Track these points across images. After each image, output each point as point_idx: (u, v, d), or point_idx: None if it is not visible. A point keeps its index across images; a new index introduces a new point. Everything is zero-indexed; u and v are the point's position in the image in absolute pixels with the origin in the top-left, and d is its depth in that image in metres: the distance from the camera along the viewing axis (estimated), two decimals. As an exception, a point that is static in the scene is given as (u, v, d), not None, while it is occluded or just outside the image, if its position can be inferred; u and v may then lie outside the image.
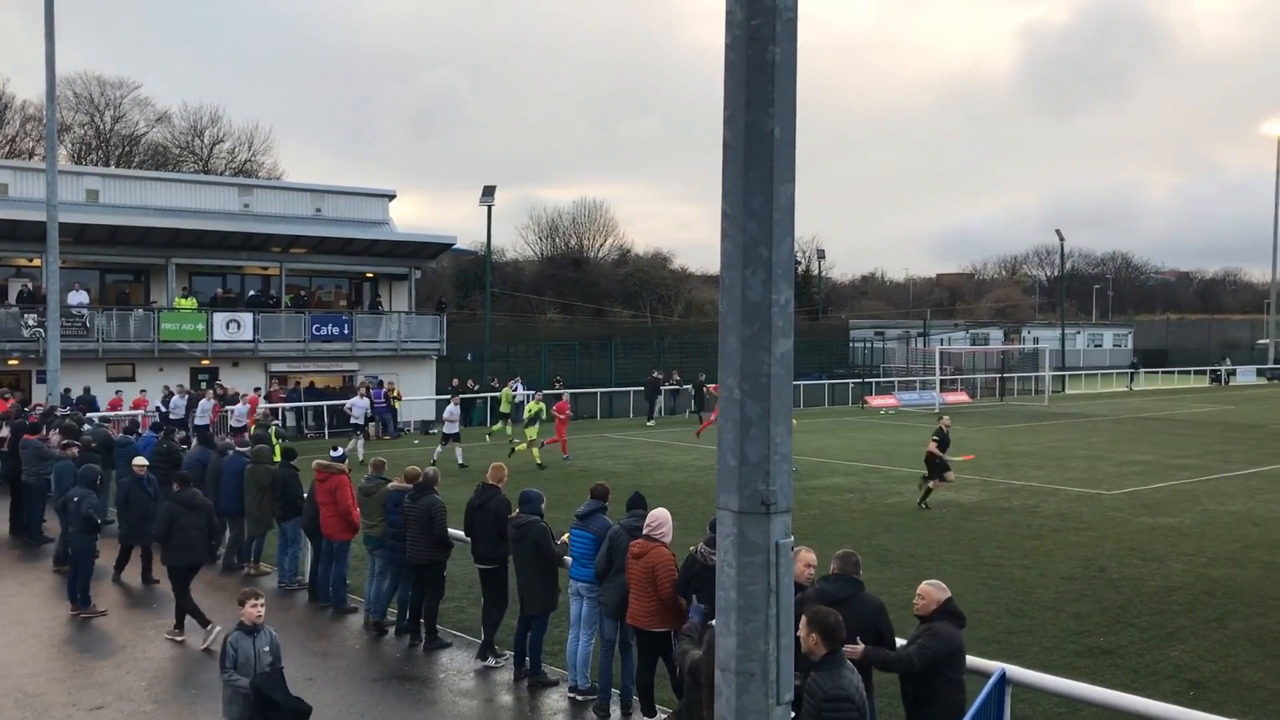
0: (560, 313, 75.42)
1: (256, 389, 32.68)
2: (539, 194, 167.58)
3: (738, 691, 4.05)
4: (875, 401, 48.30)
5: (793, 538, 4.13)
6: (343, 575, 13.34)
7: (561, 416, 28.23)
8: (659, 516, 9.09)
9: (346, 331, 37.52)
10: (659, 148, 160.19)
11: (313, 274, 40.13)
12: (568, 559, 10.26)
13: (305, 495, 14.07)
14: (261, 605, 8.20)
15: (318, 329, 36.82)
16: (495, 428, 32.60)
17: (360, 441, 28.47)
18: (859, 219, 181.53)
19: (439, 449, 26.94)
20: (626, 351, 49.51)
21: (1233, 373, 70.68)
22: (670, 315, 78.92)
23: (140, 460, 14.84)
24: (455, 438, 26.64)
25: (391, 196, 43.86)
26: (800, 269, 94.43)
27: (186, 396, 30.21)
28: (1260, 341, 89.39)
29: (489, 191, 42.45)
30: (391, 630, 12.27)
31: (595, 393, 42.46)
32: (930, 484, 20.30)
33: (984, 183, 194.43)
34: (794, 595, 4.19)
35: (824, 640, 5.76)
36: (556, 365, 45.43)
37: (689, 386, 40.37)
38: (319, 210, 41.05)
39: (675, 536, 9.33)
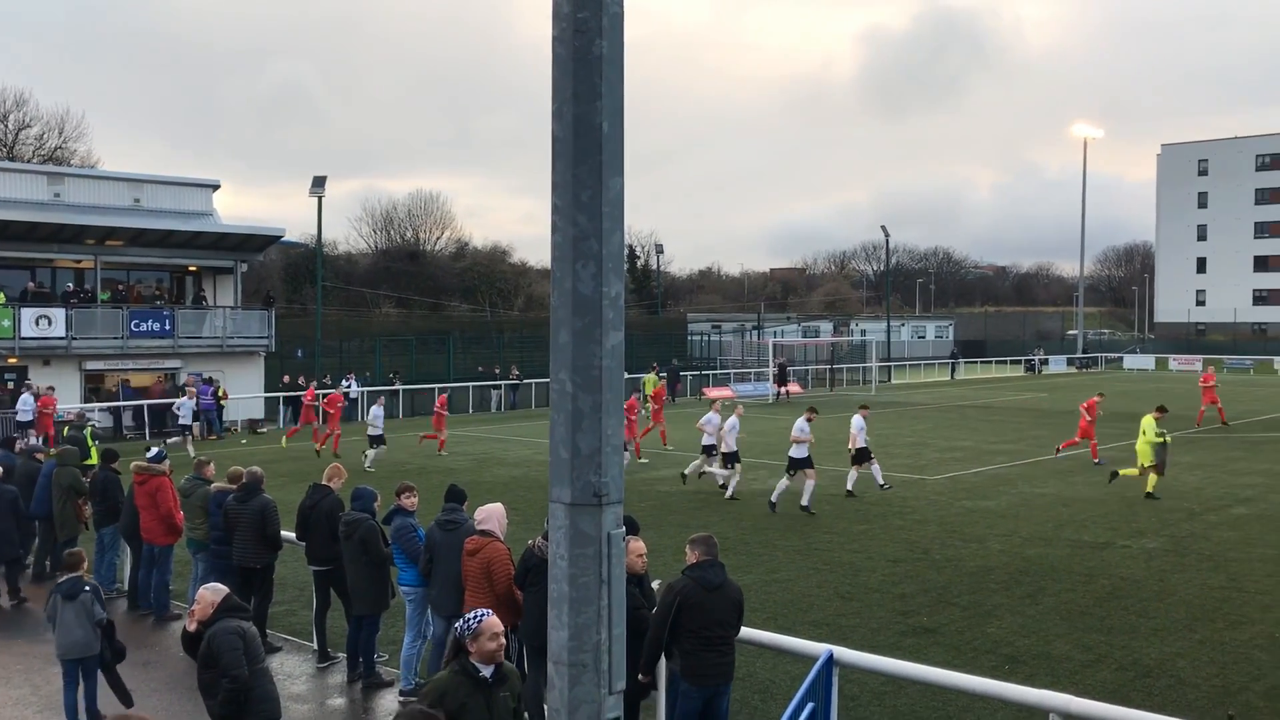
0: (396, 307, 74.07)
1: (50, 387, 30.79)
2: (382, 185, 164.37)
3: (570, 683, 4.06)
4: (712, 393, 49.13)
5: (624, 528, 4.16)
6: (165, 580, 12.80)
7: (443, 413, 28.17)
8: (491, 511, 9.03)
9: (168, 327, 35.92)
10: (501, 140, 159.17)
11: (131, 267, 38.26)
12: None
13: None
14: None
15: (137, 325, 35.12)
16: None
17: (190, 440, 27.26)
18: (698, 215, 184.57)
19: (371, 453, 25.60)
20: (465, 346, 49.02)
21: (1045, 362, 74.76)
22: (510, 309, 78.51)
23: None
24: (381, 439, 25.51)
25: (215, 187, 42.18)
26: (639, 264, 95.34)
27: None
28: (1070, 332, 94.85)
29: (319, 182, 41.31)
30: (124, 602, 11.80)
31: (432, 388, 41.87)
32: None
33: (820, 181, 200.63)
34: (625, 585, 4.22)
35: None
36: (392, 360, 44.64)
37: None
38: (138, 201, 39.13)
39: (516, 531, 9.30)
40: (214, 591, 7.21)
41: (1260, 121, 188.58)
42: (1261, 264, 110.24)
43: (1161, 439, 20.32)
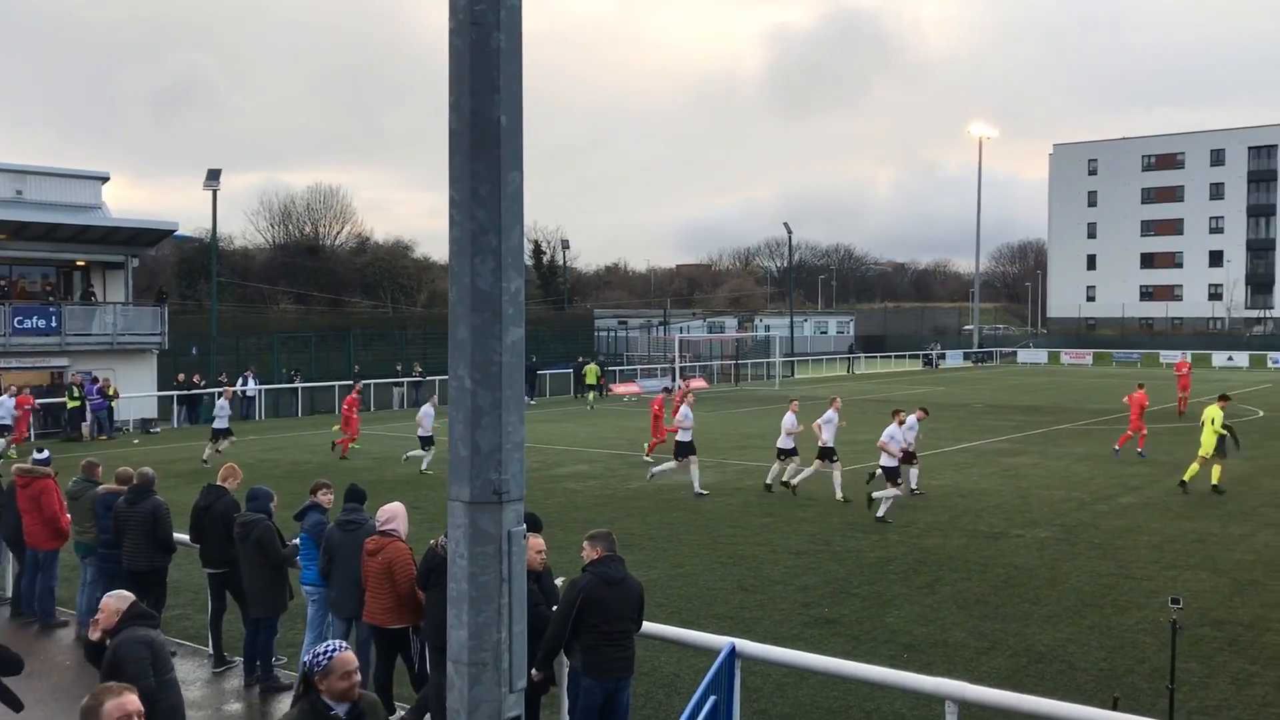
0: (294, 303, 72.59)
1: (25, 387, 29.73)
2: (282, 178, 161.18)
3: (470, 683, 4.02)
4: (619, 389, 49.25)
5: (525, 526, 4.13)
6: (51, 587, 12.35)
7: (352, 415, 27.04)
8: (391, 510, 8.90)
9: (54, 324, 34.64)
10: (406, 133, 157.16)
11: (14, 262, 36.79)
12: (298, 561, 9.92)
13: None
14: None
15: (20, 322, 33.80)
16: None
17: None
18: (605, 211, 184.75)
19: (420, 454, 24.13)
20: (366, 343, 48.27)
21: (942, 356, 76.55)
22: (413, 305, 77.54)
23: None
24: (430, 441, 23.98)
25: (104, 179, 40.81)
26: (546, 259, 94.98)
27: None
28: (966, 327, 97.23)
29: (214, 175, 40.29)
30: None
31: (334, 386, 41.18)
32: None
33: (726, 177, 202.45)
34: (527, 582, 4.19)
35: None
36: (291, 358, 43.74)
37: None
38: (19, 193, 37.59)
39: (419, 530, 9.19)
40: (119, 599, 6.90)
41: (1147, 123, 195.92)
42: (1148, 261, 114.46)
43: (1226, 430, 20.22)
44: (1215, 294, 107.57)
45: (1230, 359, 73.38)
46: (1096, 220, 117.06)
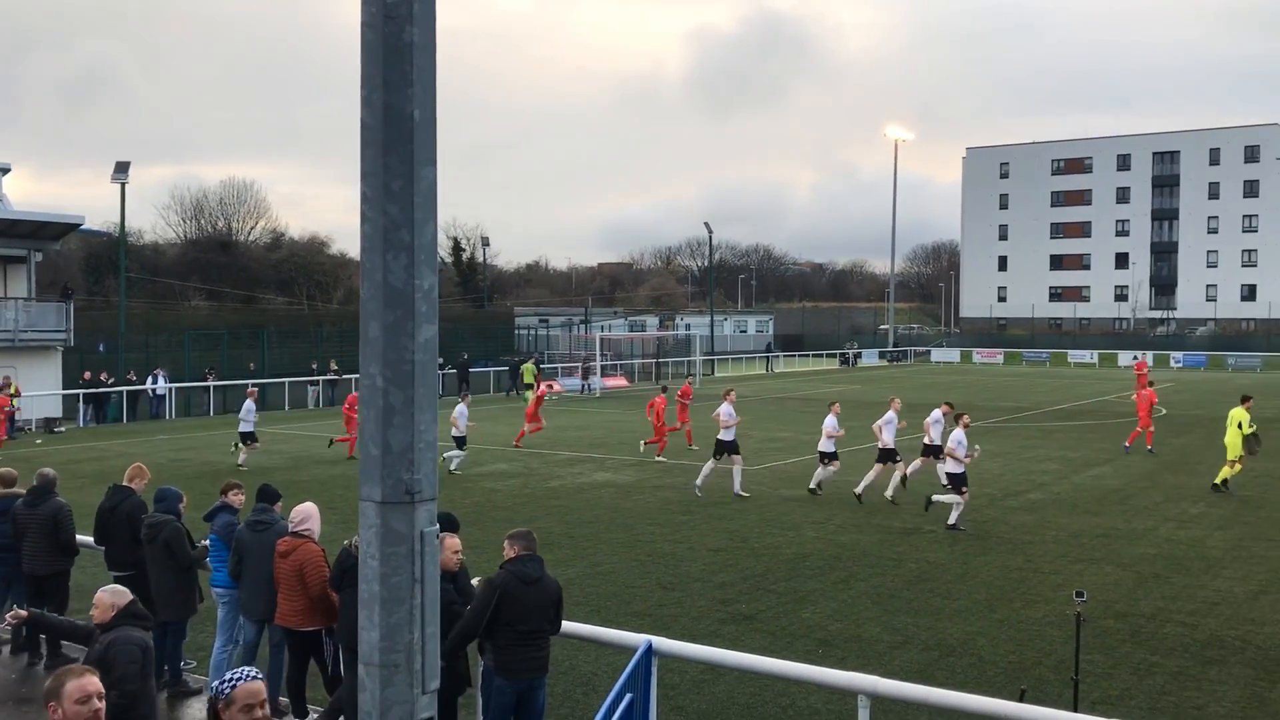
0: (207, 299, 71.04)
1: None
2: (196, 172, 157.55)
3: (382, 685, 3.96)
4: (555, 387, 49.05)
5: (438, 525, 4.08)
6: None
7: (353, 414, 26.52)
8: (304, 511, 8.75)
9: (-48, 320, 33.45)
10: (324, 127, 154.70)
11: (-91, 255, 35.47)
12: (207, 563, 9.71)
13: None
14: None
15: (-84, 317, 32.57)
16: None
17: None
18: (527, 208, 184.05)
19: (453, 455, 23.30)
20: (281, 341, 47.41)
21: (859, 355, 77.69)
22: (329, 303, 76.37)
23: None
24: (463, 441, 23.35)
25: (5, 170, 39.49)
26: (466, 256, 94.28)
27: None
28: (882, 327, 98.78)
29: (122, 168, 39.22)
30: (6, 649, 11.08)
31: (246, 384, 40.36)
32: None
33: (649, 176, 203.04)
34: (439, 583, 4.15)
35: None
36: (203, 356, 42.76)
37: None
38: (-85, 183, 36.26)
39: (334, 531, 9.04)
40: (115, 594, 6.70)
41: (1057, 128, 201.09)
42: (1057, 263, 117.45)
43: (1252, 430, 20.43)
44: (1121, 295, 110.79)
45: (1135, 358, 75.55)
46: (1008, 222, 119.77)
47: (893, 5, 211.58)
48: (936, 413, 20.22)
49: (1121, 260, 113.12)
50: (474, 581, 8.38)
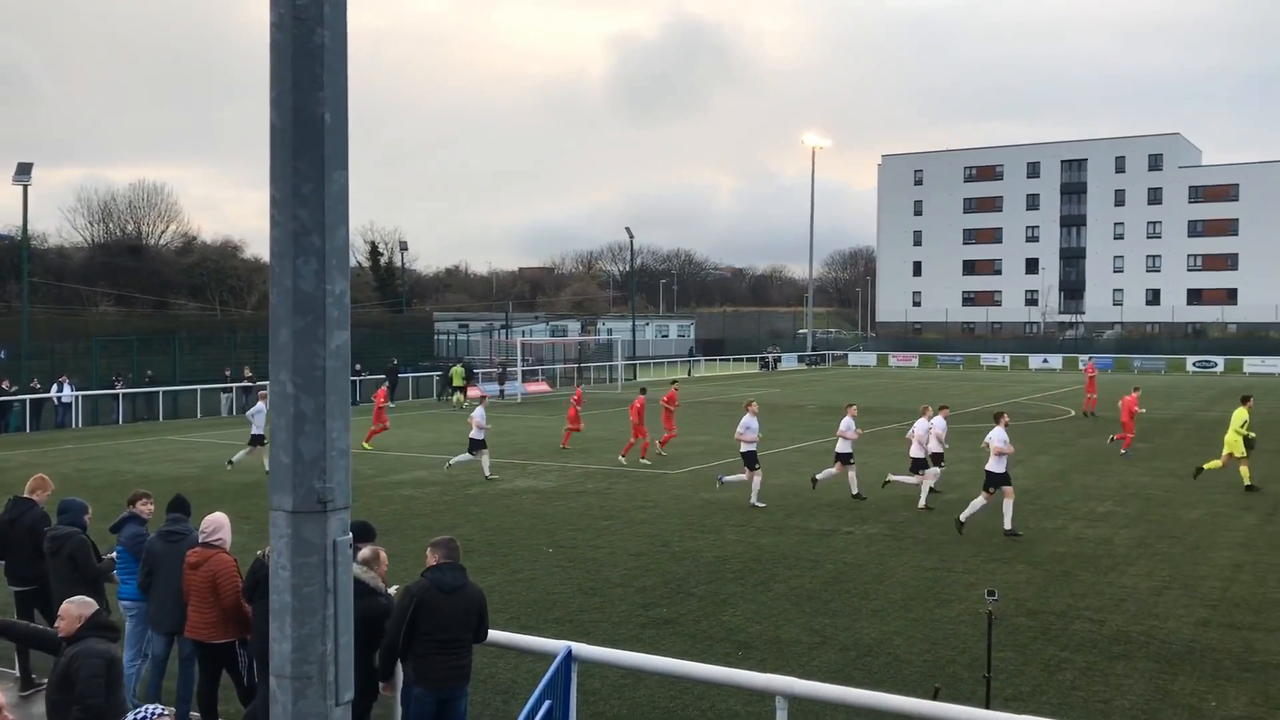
0: (115, 305, 69.21)
1: None
2: (106, 175, 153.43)
3: (294, 697, 3.89)
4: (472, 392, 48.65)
5: (351, 535, 4.03)
6: None
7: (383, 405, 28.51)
8: (215, 521, 8.56)
9: None
10: (239, 129, 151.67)
11: None
12: (115, 575, 9.44)
13: None
14: None
15: None
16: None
17: None
18: (446, 212, 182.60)
19: (471, 458, 23.23)
20: (193, 347, 46.35)
21: (779, 359, 78.46)
22: (243, 308, 74.92)
23: None
24: (482, 444, 22.95)
25: (-99, 171, 38.06)
26: (383, 261, 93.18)
27: None
28: (801, 331, 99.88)
29: (24, 169, 38.05)
30: None
31: (158, 392, 39.42)
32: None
33: (570, 181, 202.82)
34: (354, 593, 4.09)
35: None
36: (112, 363, 41.60)
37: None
38: None
39: (248, 541, 8.86)
40: (81, 604, 6.49)
41: (969, 136, 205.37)
42: (969, 268, 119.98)
43: (1249, 431, 20.68)
44: (1031, 300, 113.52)
45: (1045, 361, 77.54)
46: (922, 228, 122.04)
47: (810, 14, 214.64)
48: (922, 422, 20.15)
49: (1032, 265, 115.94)
50: (392, 590, 8.28)
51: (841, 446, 20.20)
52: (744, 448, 19.66)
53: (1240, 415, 21.04)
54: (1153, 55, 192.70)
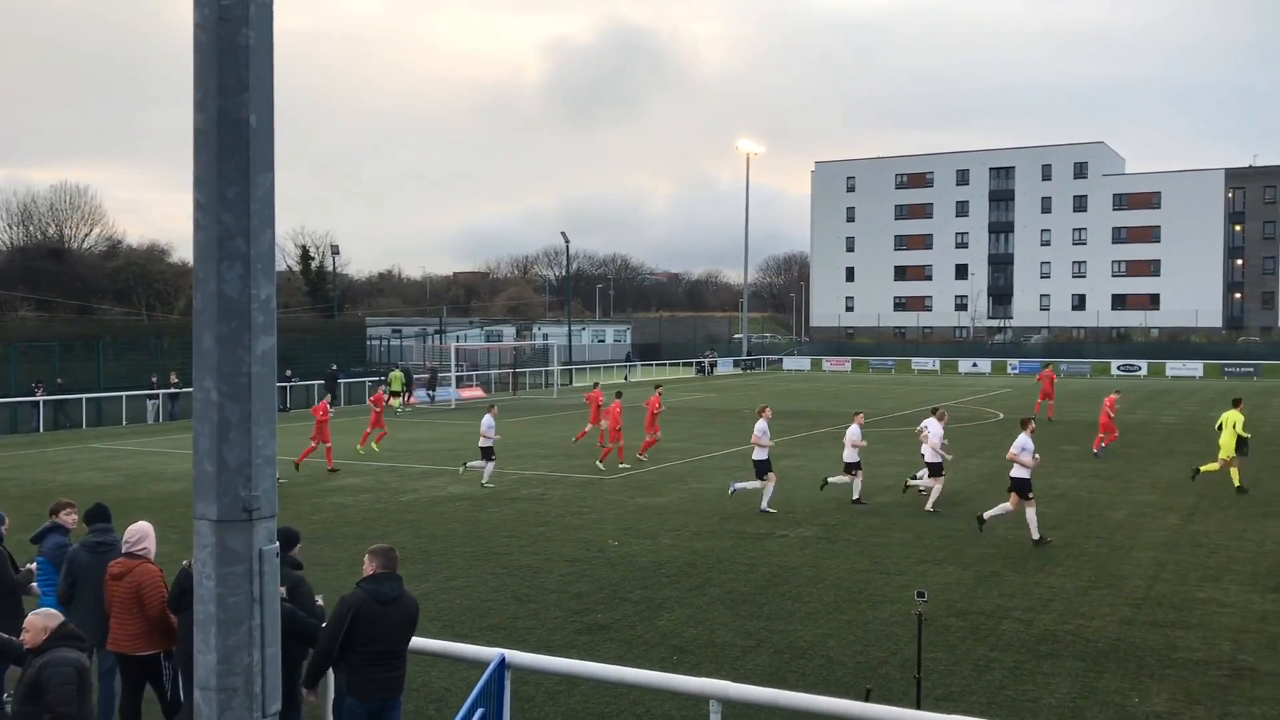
0: (36, 310, 67.48)
1: None
2: (26, 176, 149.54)
3: (220, 709, 3.83)
4: (392, 400, 48.14)
5: (278, 544, 3.97)
6: None
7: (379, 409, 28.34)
8: (140, 530, 8.37)
9: None
10: (166, 132, 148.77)
11: None
12: (35, 587, 9.20)
13: None
14: None
15: None
16: None
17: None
18: (380, 216, 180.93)
19: (479, 465, 23.23)
20: (118, 353, 45.30)
21: (715, 364, 78.81)
22: (170, 313, 73.48)
23: None
24: (491, 453, 22.84)
25: None
26: (314, 265, 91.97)
27: None
28: (736, 336, 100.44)
29: (-57, 170, 36.98)
30: None
31: (80, 399, 38.48)
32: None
33: (506, 185, 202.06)
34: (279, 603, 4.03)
35: None
36: (32, 370, 40.51)
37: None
38: None
39: (175, 551, 8.68)
40: (47, 616, 6.37)
41: (901, 143, 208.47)
42: (901, 273, 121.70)
43: (1244, 432, 20.96)
44: (961, 305, 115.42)
45: (975, 365, 78.81)
46: (855, 234, 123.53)
47: (744, 21, 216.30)
48: (932, 422, 20.01)
49: (961, 271, 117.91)
50: (319, 600, 8.16)
51: (849, 455, 20.21)
52: (757, 453, 19.54)
53: (1235, 417, 21.49)
54: (1079, 66, 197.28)
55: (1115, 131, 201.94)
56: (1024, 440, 16.71)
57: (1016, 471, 16.57)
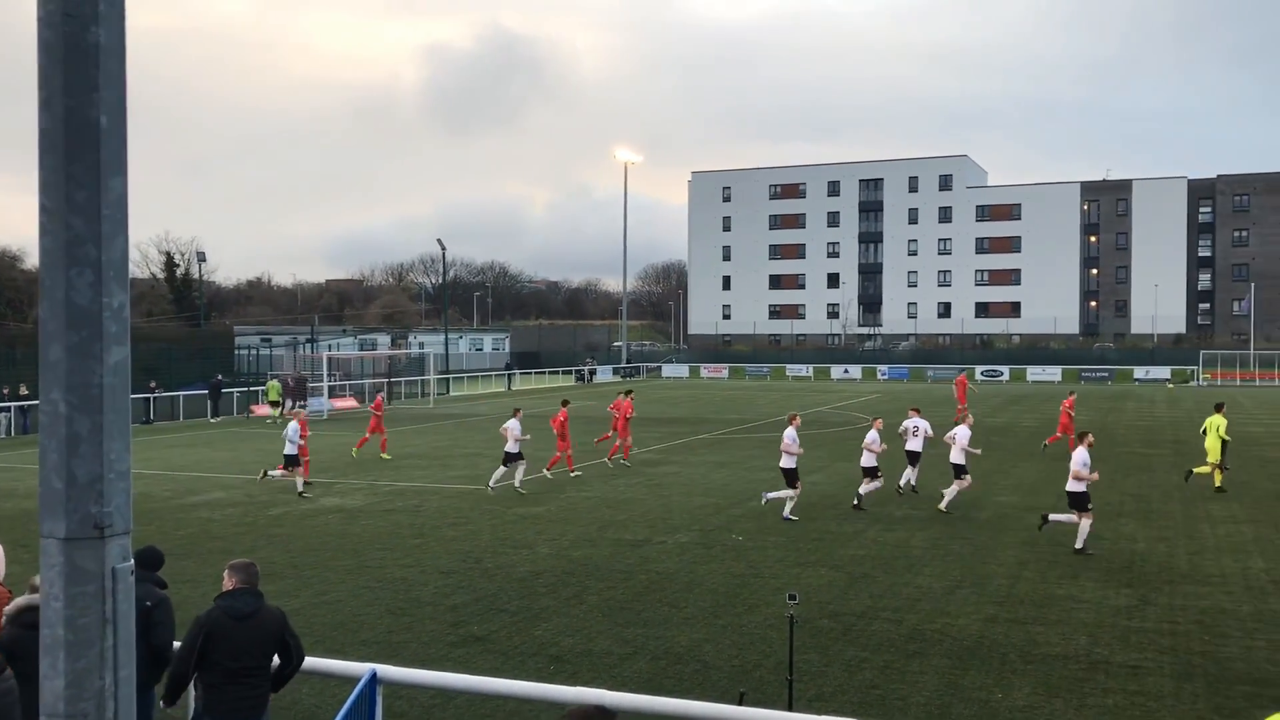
0: (-125, 319, 63.69)
1: None
2: None
3: (68, 738, 3.65)
4: (261, 410, 46.88)
5: (132, 562, 3.82)
6: None
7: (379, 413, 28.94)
8: (-12, 550, 7.96)
9: None
10: (16, 132, 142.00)
11: None
12: None
13: None
14: None
15: None
16: None
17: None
18: (249, 222, 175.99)
19: (508, 471, 22.82)
20: (-34, 363, 43.07)
21: (594, 371, 78.93)
22: (24, 322, 70.16)
23: None
24: (519, 456, 22.64)
25: None
26: (180, 272, 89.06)
27: None
28: (616, 344, 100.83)
29: None
30: None
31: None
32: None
33: (380, 192, 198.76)
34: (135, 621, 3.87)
35: None
36: None
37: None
38: None
39: (24, 572, 8.27)
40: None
41: (775, 155, 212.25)
42: (775, 282, 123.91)
43: (1226, 435, 21.64)
44: (833, 313, 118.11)
45: (846, 371, 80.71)
46: (731, 244, 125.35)
47: (620, 31, 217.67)
48: (963, 429, 20.65)
49: (833, 280, 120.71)
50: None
51: (866, 460, 20.45)
52: (785, 461, 19.58)
53: (1218, 421, 22.39)
54: (943, 82, 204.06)
55: (978, 145, 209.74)
56: (1082, 454, 16.68)
57: (1072, 485, 16.53)
